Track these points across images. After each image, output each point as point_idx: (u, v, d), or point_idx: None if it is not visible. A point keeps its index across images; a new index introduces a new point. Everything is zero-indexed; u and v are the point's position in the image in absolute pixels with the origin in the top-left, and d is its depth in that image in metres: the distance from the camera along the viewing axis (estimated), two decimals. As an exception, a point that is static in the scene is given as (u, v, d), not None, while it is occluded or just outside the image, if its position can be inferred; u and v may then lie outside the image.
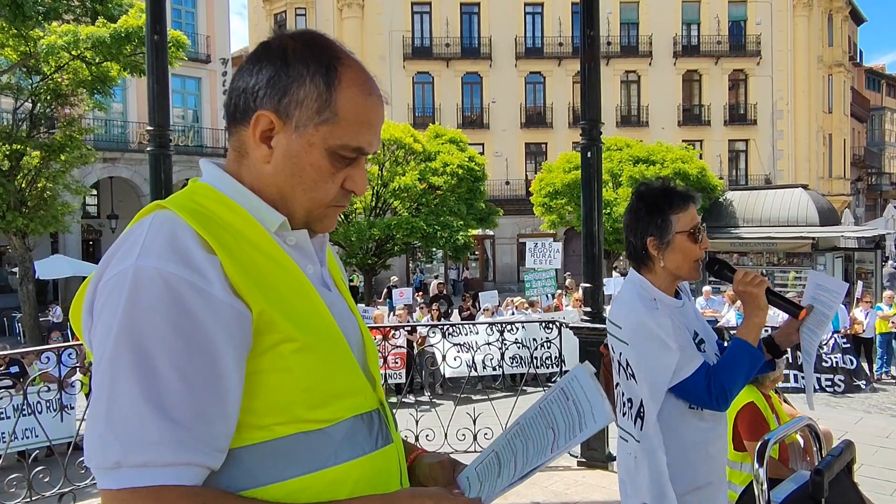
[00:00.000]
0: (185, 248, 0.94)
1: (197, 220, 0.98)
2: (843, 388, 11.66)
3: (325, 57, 1.07)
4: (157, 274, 0.91)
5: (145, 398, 0.88)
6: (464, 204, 21.94)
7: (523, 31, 34.72)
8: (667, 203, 2.14)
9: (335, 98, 1.05)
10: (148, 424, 0.88)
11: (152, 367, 0.89)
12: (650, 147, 25.47)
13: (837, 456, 1.53)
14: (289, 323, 0.99)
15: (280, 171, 1.06)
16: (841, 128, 38.76)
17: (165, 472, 0.88)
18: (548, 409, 1.16)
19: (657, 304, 2.11)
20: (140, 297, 0.91)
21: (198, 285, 0.92)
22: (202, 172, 1.12)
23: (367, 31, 34.13)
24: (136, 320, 0.90)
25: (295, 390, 0.99)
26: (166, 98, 5.41)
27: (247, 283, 0.97)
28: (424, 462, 1.26)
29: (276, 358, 0.98)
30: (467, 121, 33.88)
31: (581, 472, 5.40)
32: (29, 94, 14.51)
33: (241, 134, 1.08)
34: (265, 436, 0.98)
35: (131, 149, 26.44)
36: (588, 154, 5.56)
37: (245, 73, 1.08)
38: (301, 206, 1.08)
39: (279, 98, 1.04)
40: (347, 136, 1.06)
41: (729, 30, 35.18)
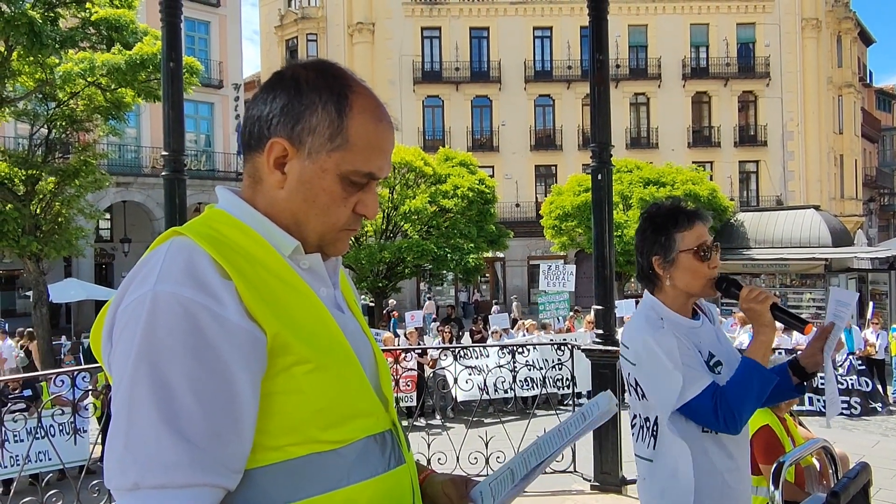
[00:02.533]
0: (202, 274, 0.97)
1: (213, 245, 1.01)
2: (860, 411, 11.52)
3: (337, 85, 1.10)
4: (174, 299, 0.94)
5: (162, 420, 0.90)
6: (474, 226, 21.97)
7: (532, 54, 34.98)
8: (671, 222, 2.14)
9: (347, 125, 1.08)
10: (165, 446, 0.89)
11: (169, 391, 0.91)
12: (660, 169, 25.48)
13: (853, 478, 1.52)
14: (303, 345, 1.01)
15: (293, 197, 1.09)
16: (852, 148, 38.66)
17: (183, 493, 0.90)
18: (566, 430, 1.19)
19: (663, 324, 2.10)
20: (158, 322, 0.93)
21: (213, 310, 0.95)
22: (218, 199, 1.15)
23: (378, 56, 34.48)
24: (154, 344, 0.92)
25: (308, 411, 1.01)
26: (181, 123, 5.48)
27: (261, 307, 0.99)
28: (436, 480, 1.26)
29: (289, 379, 1.00)
30: (477, 144, 34.04)
31: (595, 496, 5.35)
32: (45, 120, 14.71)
33: (256, 161, 1.11)
34: (279, 456, 1.00)
35: (144, 173, 26.70)
36: (598, 176, 5.59)
37: (259, 101, 1.11)
38: (314, 230, 1.11)
39: (292, 125, 1.07)
40: (359, 161, 1.09)
41: (738, 52, 35.31)
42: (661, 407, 2.05)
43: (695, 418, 2.06)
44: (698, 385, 2.02)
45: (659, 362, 2.02)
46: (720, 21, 35.10)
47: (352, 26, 34.58)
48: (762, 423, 3.67)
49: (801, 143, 35.21)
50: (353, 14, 34.63)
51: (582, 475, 5.70)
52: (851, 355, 12.11)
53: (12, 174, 14.11)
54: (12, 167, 14.12)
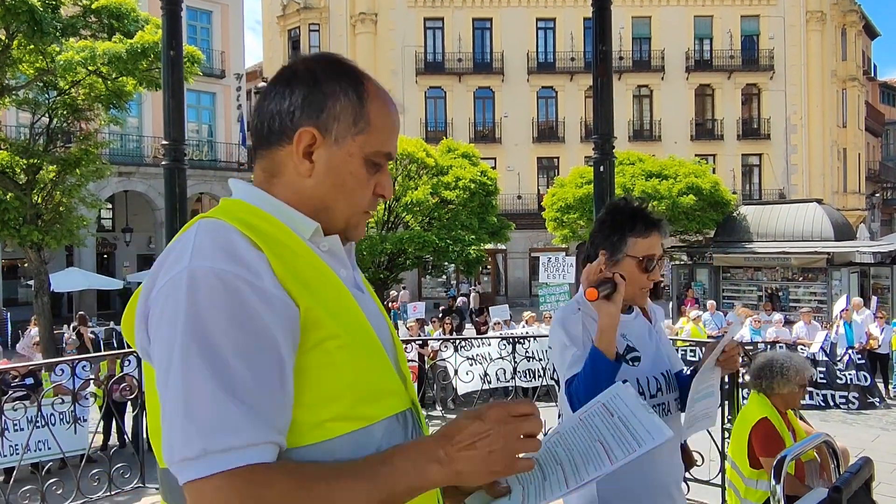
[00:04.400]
0: (235, 248, 1.00)
1: (241, 224, 1.05)
2: (858, 405, 11.52)
3: (351, 73, 1.17)
4: (212, 273, 0.97)
5: (221, 388, 0.93)
6: (476, 218, 21.93)
7: (535, 46, 34.86)
8: (629, 224, 2.16)
9: (367, 109, 1.15)
10: (227, 412, 0.93)
11: (222, 360, 0.94)
12: (663, 161, 25.43)
13: (855, 473, 1.51)
14: (332, 320, 1.05)
15: (322, 183, 1.14)
16: (855, 142, 38.54)
17: (247, 452, 0.93)
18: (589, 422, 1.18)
19: (578, 310, 2.15)
20: (199, 296, 0.96)
21: (251, 281, 0.98)
22: (232, 190, 1.19)
23: (380, 47, 34.37)
24: (199, 319, 0.95)
25: (342, 385, 1.04)
26: (182, 112, 5.45)
27: (293, 281, 1.03)
28: None
29: (322, 354, 1.03)
30: (479, 135, 33.97)
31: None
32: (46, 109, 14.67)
33: (275, 154, 1.15)
34: (321, 435, 1.03)
35: (146, 163, 26.68)
36: (601, 168, 5.56)
37: (276, 96, 1.15)
38: (342, 213, 1.17)
39: (317, 114, 1.13)
40: (379, 142, 1.16)
41: (741, 44, 35.16)
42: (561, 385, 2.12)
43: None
44: (577, 367, 2.03)
45: (560, 341, 2.09)
46: (724, 13, 34.94)
47: (354, 17, 34.45)
48: (761, 416, 3.65)
49: (805, 137, 35.11)
50: (355, 4, 34.50)
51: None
52: (851, 349, 12.10)
53: (13, 163, 14.08)
54: (13, 156, 14.09)
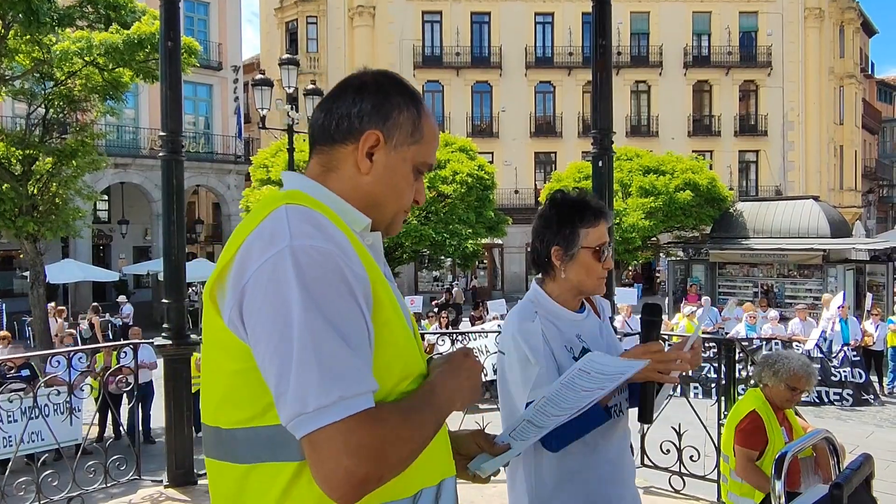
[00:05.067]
0: (328, 229, 1.14)
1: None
2: (852, 402, 11.57)
3: (411, 91, 1.34)
4: (314, 249, 1.10)
5: (346, 346, 1.07)
6: (473, 212, 21.94)
7: (533, 40, 34.80)
8: (578, 216, 2.10)
9: (422, 124, 1.32)
10: (352, 363, 1.08)
11: (335, 321, 1.08)
12: (660, 157, 25.43)
13: (856, 469, 1.50)
14: (390, 302, 1.20)
15: (378, 182, 1.29)
16: (852, 139, 38.61)
17: (367, 397, 1.08)
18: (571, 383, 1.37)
19: (536, 317, 2.06)
20: (307, 269, 1.08)
21: (343, 259, 1.12)
22: (286, 182, 1.32)
23: (378, 40, 34.28)
24: (312, 287, 1.08)
25: (395, 362, 1.19)
26: (179, 104, 5.42)
27: (364, 257, 1.17)
28: (461, 434, 1.51)
29: (387, 332, 1.18)
30: (477, 129, 33.93)
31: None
32: (42, 100, 14.59)
33: (337, 151, 1.29)
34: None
35: (142, 155, 26.60)
36: (599, 163, 5.55)
37: (346, 101, 1.30)
38: (391, 210, 1.32)
39: (384, 121, 1.28)
40: (426, 154, 1.33)
41: (739, 41, 35.16)
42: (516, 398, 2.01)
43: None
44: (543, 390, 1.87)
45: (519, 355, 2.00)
46: (722, 9, 34.92)
47: (352, 9, 34.34)
48: (751, 408, 3.63)
49: (802, 134, 35.15)
50: (353, -3, 34.39)
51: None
52: (846, 346, 12.14)
53: (9, 154, 14.02)
54: (9, 147, 14.02)
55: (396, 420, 1.11)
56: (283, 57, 16.42)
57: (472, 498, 5.09)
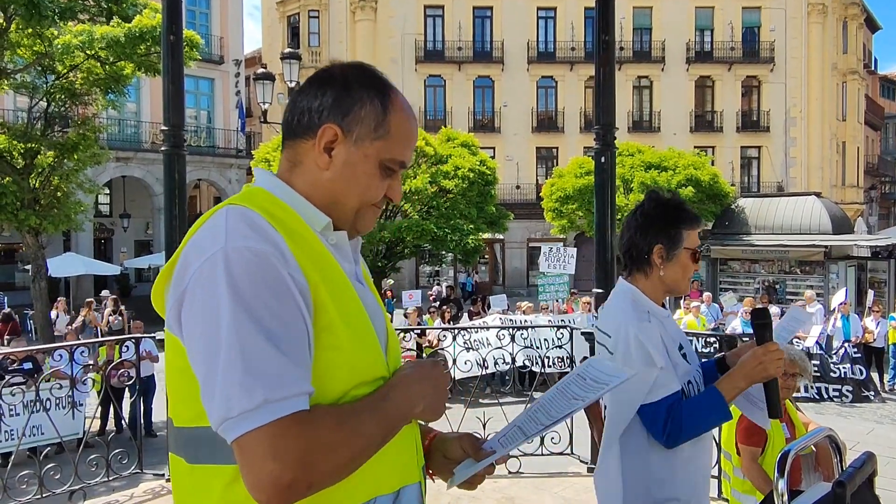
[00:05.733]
0: (264, 230, 1.12)
1: (263, 211, 1.16)
2: (851, 399, 11.57)
3: (380, 84, 1.28)
4: (248, 251, 1.08)
5: (272, 345, 1.05)
6: (474, 207, 21.90)
7: (536, 35, 34.72)
8: (682, 217, 2.15)
9: (389, 119, 1.26)
10: (282, 366, 1.05)
11: (266, 322, 1.06)
12: (662, 153, 25.39)
13: (859, 468, 1.50)
14: (335, 305, 1.16)
15: (337, 178, 1.25)
16: (855, 136, 38.51)
17: (299, 399, 1.05)
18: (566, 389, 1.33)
19: (650, 317, 2.08)
20: (238, 270, 1.07)
21: (280, 260, 1.10)
22: (255, 178, 1.31)
23: (380, 34, 34.21)
24: (242, 288, 1.06)
25: (343, 369, 1.15)
26: (181, 98, 5.42)
27: (304, 260, 1.14)
28: (449, 437, 1.44)
29: (330, 336, 1.14)
30: (479, 124, 33.88)
31: (591, 478, 5.35)
32: (43, 93, 14.59)
33: (300, 146, 1.27)
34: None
35: (144, 148, 26.57)
36: (602, 159, 5.55)
37: (310, 95, 1.27)
38: (352, 207, 1.28)
39: (343, 115, 1.24)
40: (395, 150, 1.28)
41: (742, 36, 35.06)
42: (629, 402, 2.03)
43: (643, 420, 2.04)
44: (664, 390, 2.00)
45: (642, 356, 2.00)
46: (725, 4, 34.80)
47: (354, 3, 34.25)
48: None
49: (804, 130, 35.07)
50: (355, -9, 34.30)
51: (579, 457, 5.72)
52: (847, 343, 12.14)
53: (11, 147, 14.02)
54: (11, 140, 14.03)
55: (330, 425, 1.08)
56: (284, 51, 16.40)
57: (472, 493, 5.10)
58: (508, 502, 4.93)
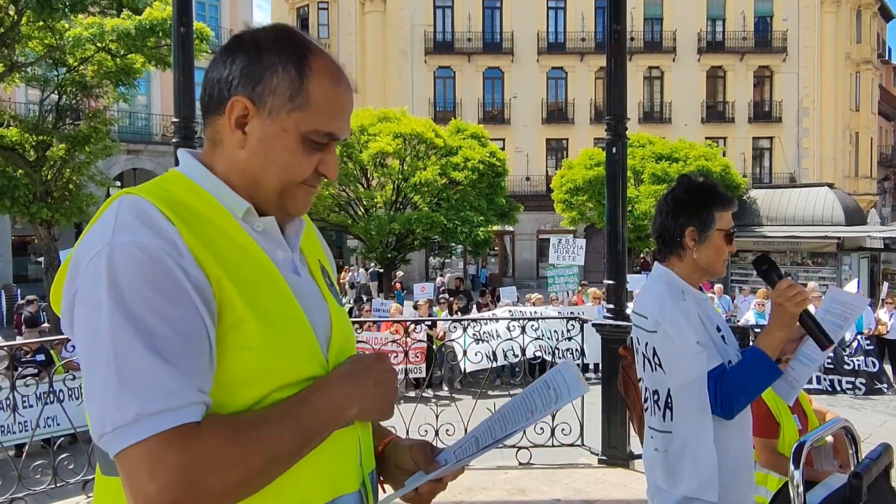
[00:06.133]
0: (155, 223, 1.01)
1: (161, 200, 1.04)
2: (865, 391, 11.49)
3: (297, 47, 1.13)
4: (134, 246, 0.98)
5: (152, 353, 0.94)
6: (484, 199, 21.88)
7: (545, 26, 34.54)
8: (714, 199, 2.16)
9: (307, 86, 1.11)
10: (160, 375, 0.94)
11: (148, 326, 0.95)
12: (673, 144, 25.26)
13: (875, 459, 1.49)
14: (244, 303, 1.04)
15: (254, 156, 1.12)
16: (868, 126, 38.15)
17: (181, 412, 0.95)
18: (529, 398, 1.22)
19: (685, 296, 2.11)
20: (121, 268, 0.97)
21: (172, 254, 0.99)
22: (180, 161, 1.19)
23: (389, 26, 34.13)
24: (123, 288, 0.96)
25: (256, 371, 1.04)
26: (192, 90, 5.42)
27: (203, 252, 1.02)
28: (402, 444, 1.31)
29: (238, 336, 1.03)
30: (488, 116, 33.79)
31: (602, 469, 5.36)
32: (55, 86, 14.67)
33: (216, 123, 1.14)
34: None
35: (155, 141, 26.67)
36: (613, 150, 5.52)
37: (219, 64, 1.14)
38: (273, 187, 1.14)
39: (253, 86, 1.11)
40: (319, 122, 1.13)
41: (755, 26, 34.75)
42: (680, 376, 2.04)
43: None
44: (710, 363, 2.02)
45: (683, 332, 2.02)
46: (738, -6, 34.52)
47: (363, -5, 34.21)
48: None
49: (817, 120, 34.78)
50: (364, -18, 34.24)
51: (590, 449, 5.71)
52: (860, 335, 12.04)
53: (23, 140, 14.11)
54: (23, 133, 14.11)
55: (220, 440, 0.96)
56: (294, 43, 16.38)
57: (483, 483, 5.11)
58: (519, 493, 4.93)
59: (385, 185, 21.62)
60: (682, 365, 2.03)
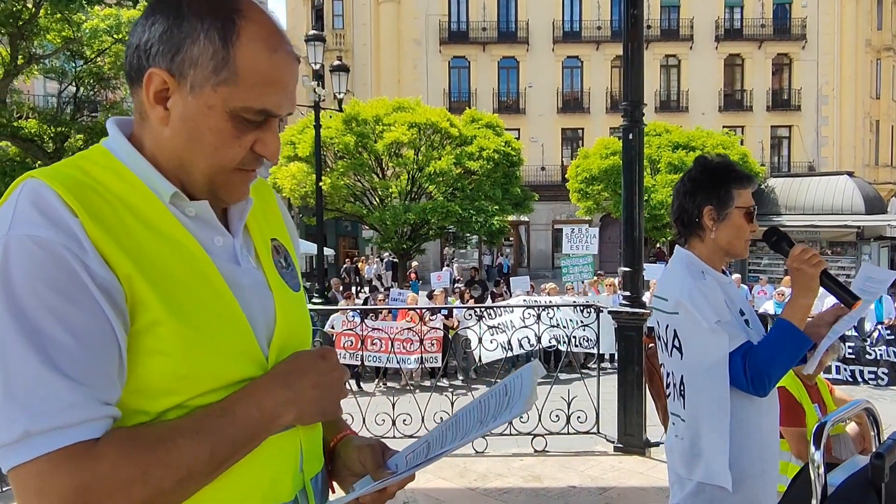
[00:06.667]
0: (55, 213, 0.89)
1: (66, 185, 0.92)
2: (887, 381, 11.39)
3: (223, 9, 0.97)
4: (30, 240, 0.87)
5: (44, 364, 0.84)
6: (499, 189, 21.84)
7: (561, 14, 34.30)
8: (731, 177, 2.13)
9: (234, 56, 0.96)
10: (54, 388, 0.84)
11: (43, 332, 0.85)
12: (690, 133, 25.06)
13: (898, 440, 1.47)
14: (160, 301, 0.92)
15: (177, 135, 0.98)
16: (889, 114, 37.60)
17: (76, 430, 0.85)
18: (486, 402, 1.13)
19: (705, 277, 2.09)
20: (16, 266, 0.86)
21: (73, 250, 0.88)
22: (109, 135, 1.04)
23: (404, 15, 34.04)
24: (15, 290, 0.86)
25: (176, 377, 0.93)
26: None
27: (111, 246, 0.90)
28: (353, 444, 1.20)
29: (152, 339, 0.92)
30: (503, 106, 33.67)
31: (618, 457, 5.35)
32: (72, 78, 14.79)
33: (137, 95, 0.99)
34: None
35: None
36: (630, 136, 5.48)
37: (139, 27, 0.99)
38: (201, 172, 1.00)
39: (172, 55, 0.95)
40: (251, 97, 0.97)
41: (773, 13, 34.32)
42: (699, 359, 2.02)
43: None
44: (734, 342, 2.00)
45: (703, 311, 2.00)
46: (756, -20, 34.09)
47: (378, -15, 34.12)
48: (779, 386, 3.57)
49: (836, 108, 34.34)
50: (379, -28, 34.15)
51: (605, 437, 5.70)
52: (880, 325, 11.93)
53: (41, 131, 14.25)
54: (41, 124, 14.25)
55: (119, 458, 0.86)
56: (308, 33, 16.36)
57: (499, 470, 5.12)
58: (535, 480, 4.93)
59: (400, 174, 21.63)
60: (700, 347, 2.01)
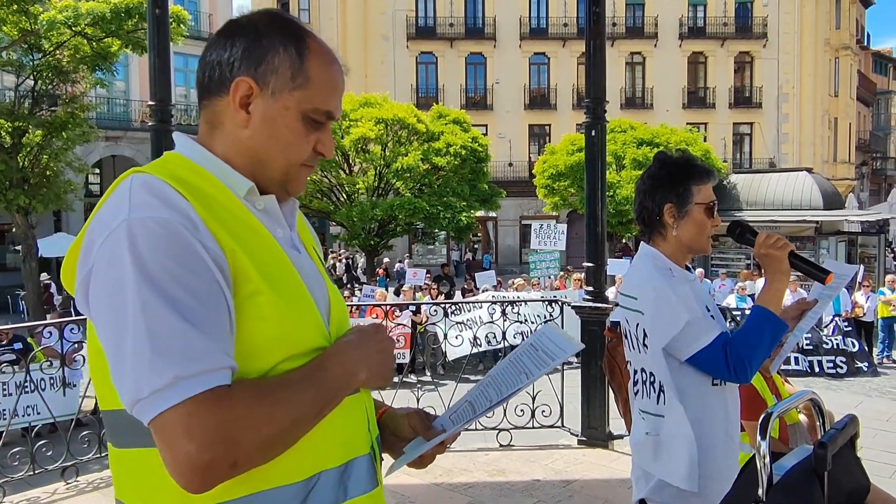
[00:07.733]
0: (170, 198, 1.05)
1: (171, 178, 1.08)
2: (845, 371, 11.65)
3: (294, 30, 1.19)
4: (152, 221, 1.01)
5: (181, 319, 0.98)
6: (467, 185, 21.87)
7: (528, 11, 34.44)
8: (690, 173, 2.13)
9: (307, 66, 1.17)
10: (190, 340, 0.98)
11: (175, 295, 0.99)
12: (654, 129, 25.37)
13: (841, 429, 1.52)
14: (258, 273, 1.08)
15: (258, 134, 1.16)
16: (847, 112, 38.50)
17: (216, 375, 0.99)
18: (518, 360, 1.27)
19: (673, 273, 2.10)
20: (142, 243, 1.00)
21: (188, 227, 1.03)
22: (175, 143, 1.22)
23: (371, 10, 33.87)
24: (146, 261, 0.99)
25: (270, 340, 1.08)
26: (168, 72, 5.35)
27: (216, 225, 1.07)
28: (399, 414, 1.36)
29: (252, 307, 1.07)
30: (471, 101, 33.71)
31: (582, 450, 5.41)
32: (30, 71, 14.43)
33: (216, 105, 1.18)
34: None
35: (133, 128, 26.36)
36: (592, 133, 5.53)
37: (218, 47, 1.18)
38: (278, 166, 1.19)
39: (255, 66, 1.15)
40: (318, 100, 1.18)
41: (735, 12, 34.86)
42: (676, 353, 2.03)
43: (705, 369, 2.04)
44: (709, 335, 2.00)
45: (673, 310, 2.00)
46: (719, -21, 34.58)
47: (344, -21, 33.88)
48: None
49: (796, 106, 35.04)
50: (345, -34, 33.90)
51: (569, 430, 5.76)
52: (837, 317, 12.22)
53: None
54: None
55: (251, 400, 1.01)
56: (274, 27, 16.25)
57: (464, 465, 5.14)
58: (500, 474, 4.97)
59: (367, 170, 21.54)
60: (675, 343, 2.01)
